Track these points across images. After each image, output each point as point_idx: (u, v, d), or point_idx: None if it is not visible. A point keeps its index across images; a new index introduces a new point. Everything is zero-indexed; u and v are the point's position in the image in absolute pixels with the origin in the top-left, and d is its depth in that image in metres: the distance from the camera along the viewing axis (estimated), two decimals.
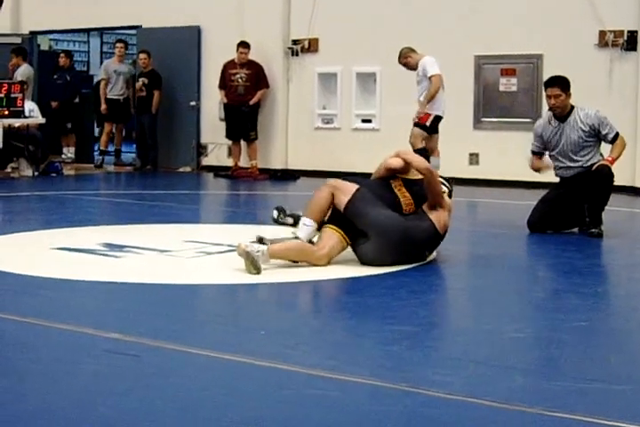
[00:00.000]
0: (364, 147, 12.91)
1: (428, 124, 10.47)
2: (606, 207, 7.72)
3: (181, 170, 14.67)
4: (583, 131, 7.75)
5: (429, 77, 10.32)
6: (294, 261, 6.01)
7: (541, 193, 8.18)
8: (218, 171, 14.07)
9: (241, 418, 3.09)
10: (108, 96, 15.05)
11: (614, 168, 7.69)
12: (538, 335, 4.44)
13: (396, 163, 6.29)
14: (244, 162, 13.87)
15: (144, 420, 3.06)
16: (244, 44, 13.62)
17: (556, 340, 4.31)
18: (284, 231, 6.79)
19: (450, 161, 11.68)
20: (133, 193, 11.54)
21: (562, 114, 7.85)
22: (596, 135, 7.77)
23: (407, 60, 10.71)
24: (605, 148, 7.88)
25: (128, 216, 8.98)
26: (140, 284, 5.47)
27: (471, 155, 12.56)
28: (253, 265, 5.63)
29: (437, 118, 10.50)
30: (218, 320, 4.72)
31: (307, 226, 6.12)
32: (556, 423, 3.08)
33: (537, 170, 8.17)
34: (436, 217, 6.16)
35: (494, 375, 3.63)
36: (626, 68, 11.66)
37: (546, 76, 10.16)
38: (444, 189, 6.42)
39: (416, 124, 10.52)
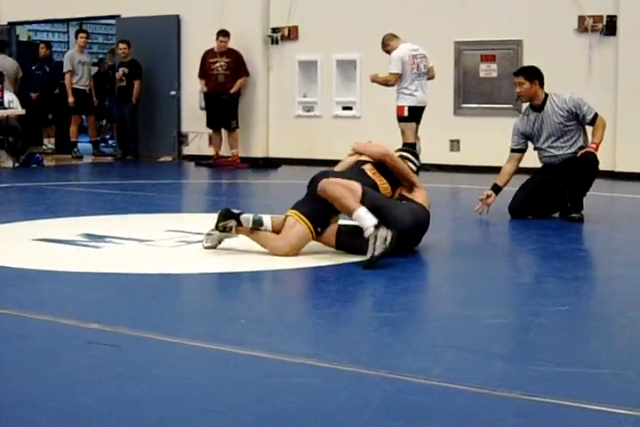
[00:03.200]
0: (344, 134, 12.88)
1: (406, 114, 10.49)
2: (587, 192, 7.74)
3: (162, 159, 14.65)
4: (562, 116, 7.76)
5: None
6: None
7: (523, 179, 8.19)
8: (199, 160, 14.04)
9: (222, 407, 3.09)
10: (76, 86, 14.96)
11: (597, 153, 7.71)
12: (518, 320, 4.45)
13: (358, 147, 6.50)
14: (225, 151, 13.86)
15: (124, 409, 3.05)
16: (223, 33, 13.59)
17: (537, 324, 4.32)
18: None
19: (431, 148, 11.70)
20: (114, 183, 11.50)
21: (537, 104, 7.86)
22: (575, 118, 7.78)
23: (387, 47, 10.73)
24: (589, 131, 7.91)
25: (109, 206, 8.95)
26: (120, 274, 5.45)
27: (452, 141, 12.58)
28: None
29: (412, 108, 10.51)
30: (199, 309, 4.71)
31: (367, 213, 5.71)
32: (536, 408, 3.09)
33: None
34: (422, 199, 6.16)
35: (474, 361, 3.64)
36: (605, 53, 11.69)
37: (526, 62, 10.20)
38: (412, 166, 6.44)
39: (399, 120, 10.55)
